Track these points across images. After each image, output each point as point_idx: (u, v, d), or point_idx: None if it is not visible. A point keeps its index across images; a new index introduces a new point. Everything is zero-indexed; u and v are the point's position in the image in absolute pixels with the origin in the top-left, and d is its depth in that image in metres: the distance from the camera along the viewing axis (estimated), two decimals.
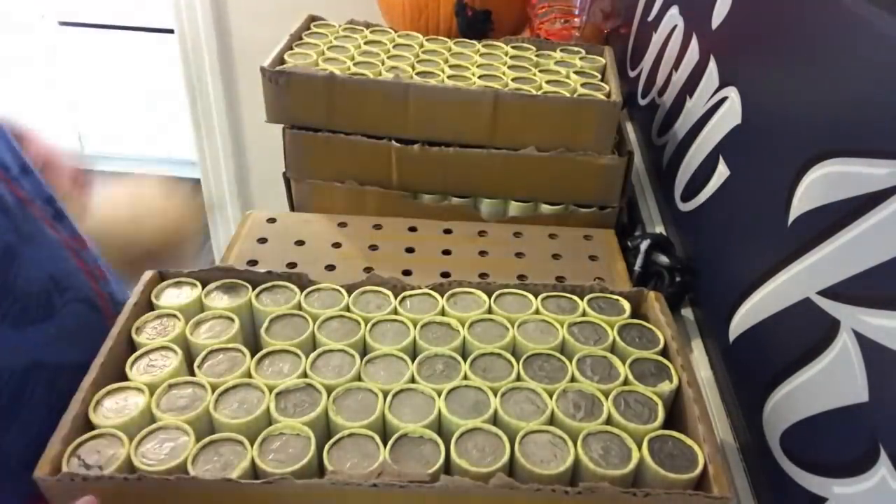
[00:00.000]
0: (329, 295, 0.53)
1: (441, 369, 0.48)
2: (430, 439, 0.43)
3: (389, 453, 0.41)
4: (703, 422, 0.43)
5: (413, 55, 0.80)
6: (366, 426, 0.43)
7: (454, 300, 0.53)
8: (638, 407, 0.45)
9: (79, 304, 0.54)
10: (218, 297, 0.52)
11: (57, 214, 0.53)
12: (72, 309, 0.53)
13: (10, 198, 0.50)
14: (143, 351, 0.48)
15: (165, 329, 0.49)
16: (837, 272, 0.42)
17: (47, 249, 0.52)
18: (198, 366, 0.47)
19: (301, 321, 0.51)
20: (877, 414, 0.38)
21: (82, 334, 0.53)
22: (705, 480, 0.41)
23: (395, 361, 0.48)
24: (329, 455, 0.41)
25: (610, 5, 1.10)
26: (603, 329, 0.51)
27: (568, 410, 0.45)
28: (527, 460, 0.41)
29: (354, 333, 0.50)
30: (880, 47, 0.40)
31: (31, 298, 0.49)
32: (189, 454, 0.41)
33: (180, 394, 0.45)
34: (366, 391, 0.45)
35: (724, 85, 0.64)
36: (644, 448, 0.42)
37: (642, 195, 0.85)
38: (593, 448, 0.42)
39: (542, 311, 0.53)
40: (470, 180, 0.74)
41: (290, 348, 0.48)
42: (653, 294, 0.54)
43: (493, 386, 0.46)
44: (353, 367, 0.47)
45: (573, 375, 0.47)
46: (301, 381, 0.46)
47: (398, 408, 0.44)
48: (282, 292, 0.53)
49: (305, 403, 0.44)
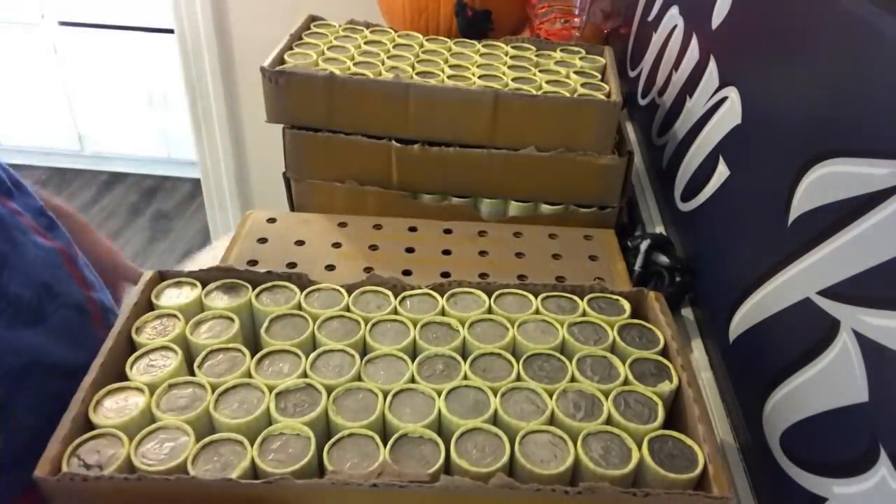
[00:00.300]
0: (329, 295, 0.53)
1: (441, 369, 0.48)
2: (429, 439, 0.43)
3: (389, 453, 0.41)
4: (703, 422, 0.43)
5: (413, 55, 0.80)
6: (366, 426, 0.43)
7: (454, 300, 0.53)
8: (638, 407, 0.45)
9: (69, 309, 0.54)
10: (218, 297, 0.52)
11: (50, 225, 0.55)
12: (63, 314, 0.53)
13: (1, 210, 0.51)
14: (143, 351, 0.48)
15: (165, 329, 0.49)
16: (837, 272, 0.42)
17: (39, 258, 0.53)
18: (198, 366, 0.47)
19: (301, 321, 0.51)
20: (877, 414, 0.38)
21: (72, 339, 0.54)
22: (705, 480, 0.41)
23: (395, 361, 0.48)
24: (329, 455, 0.41)
25: (610, 5, 1.10)
26: (603, 329, 0.51)
27: (568, 410, 0.45)
28: (527, 460, 0.41)
29: (354, 333, 0.50)
30: (880, 47, 0.40)
31: (23, 303, 0.50)
32: (189, 454, 0.41)
33: (180, 394, 0.45)
34: (366, 391, 0.45)
35: (724, 85, 0.64)
36: (644, 448, 0.42)
37: (642, 195, 0.85)
38: (593, 448, 0.42)
39: (542, 311, 0.53)
40: (470, 180, 0.74)
41: (290, 348, 0.48)
42: (653, 294, 0.54)
43: (493, 386, 0.46)
44: (353, 367, 0.47)
45: (573, 375, 0.47)
46: (301, 381, 0.46)
47: (398, 408, 0.44)
48: (282, 292, 0.53)
49: (305, 403, 0.44)
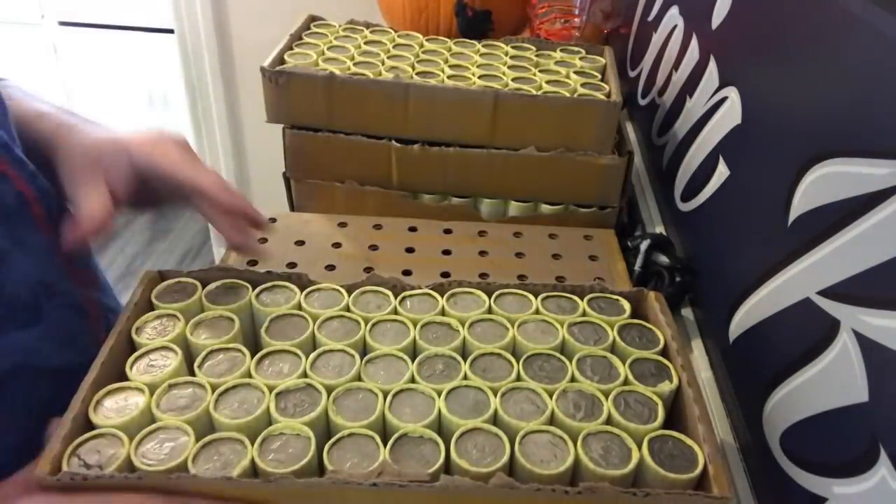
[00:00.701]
0: (329, 295, 0.53)
1: (441, 369, 0.47)
2: (430, 439, 0.43)
3: (389, 453, 0.41)
4: (704, 422, 0.43)
5: (413, 55, 0.80)
6: (366, 426, 0.43)
7: (454, 300, 0.53)
8: (638, 407, 0.45)
9: (66, 309, 0.54)
10: (218, 296, 0.52)
11: (49, 216, 0.53)
12: (59, 314, 0.52)
13: (11, 198, 0.50)
14: (143, 351, 0.47)
15: (165, 329, 0.49)
16: (837, 272, 0.42)
17: (38, 254, 0.51)
18: (198, 366, 0.47)
19: (301, 321, 0.51)
20: (877, 414, 0.38)
21: (68, 339, 0.53)
22: (705, 480, 0.41)
23: (395, 361, 0.48)
24: (329, 455, 0.41)
25: (610, 5, 1.10)
26: (603, 329, 0.51)
27: (568, 410, 0.45)
28: (527, 460, 0.41)
29: (354, 333, 0.50)
30: (880, 47, 0.40)
31: (19, 302, 0.49)
32: (189, 454, 0.41)
33: (180, 394, 0.45)
34: (366, 391, 0.45)
35: (724, 85, 0.64)
36: (644, 448, 0.42)
37: (642, 195, 0.85)
38: (593, 448, 0.42)
39: (542, 311, 0.53)
40: (470, 180, 0.74)
41: (290, 348, 0.48)
42: (653, 294, 0.54)
43: (493, 386, 0.46)
44: (353, 367, 0.47)
45: (573, 375, 0.47)
46: (301, 382, 0.46)
47: (398, 407, 0.44)
48: (282, 292, 0.53)
49: (305, 403, 0.44)
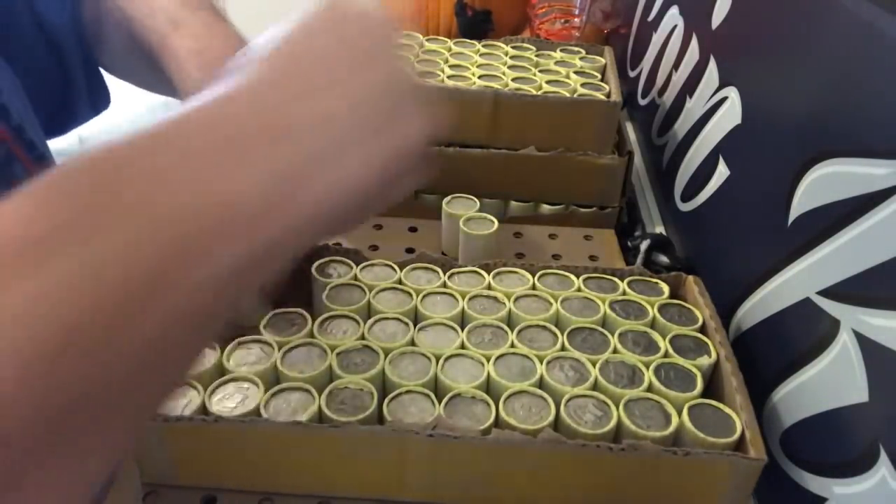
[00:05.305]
0: (381, 270, 0.56)
1: (489, 338, 0.49)
2: (481, 399, 0.44)
3: (444, 410, 0.43)
4: (741, 392, 0.44)
5: (413, 55, 0.80)
6: (421, 385, 0.45)
7: (499, 278, 0.55)
8: (678, 378, 0.46)
9: None
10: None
11: None
12: None
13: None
14: None
15: None
16: (837, 272, 0.42)
17: None
18: (263, 326, 0.49)
19: (358, 290, 0.53)
20: (877, 414, 0.38)
21: None
22: (742, 446, 0.42)
23: (446, 330, 0.50)
24: (388, 408, 0.43)
25: (610, 5, 1.10)
26: (643, 307, 0.52)
27: (610, 378, 0.46)
28: (572, 420, 0.43)
29: (407, 303, 0.52)
30: (880, 47, 0.40)
31: None
32: (261, 401, 0.43)
33: (249, 351, 0.47)
34: (419, 355, 0.47)
35: (724, 85, 0.64)
36: (685, 413, 0.43)
37: (642, 195, 0.85)
38: (636, 412, 0.44)
39: (584, 290, 0.54)
40: (470, 180, 0.74)
41: (349, 313, 0.50)
42: (691, 278, 0.55)
43: (539, 354, 0.47)
44: (406, 334, 0.49)
45: (615, 347, 0.49)
46: (359, 343, 0.47)
47: (450, 371, 0.46)
48: (339, 266, 0.56)
49: (365, 363, 0.46)
